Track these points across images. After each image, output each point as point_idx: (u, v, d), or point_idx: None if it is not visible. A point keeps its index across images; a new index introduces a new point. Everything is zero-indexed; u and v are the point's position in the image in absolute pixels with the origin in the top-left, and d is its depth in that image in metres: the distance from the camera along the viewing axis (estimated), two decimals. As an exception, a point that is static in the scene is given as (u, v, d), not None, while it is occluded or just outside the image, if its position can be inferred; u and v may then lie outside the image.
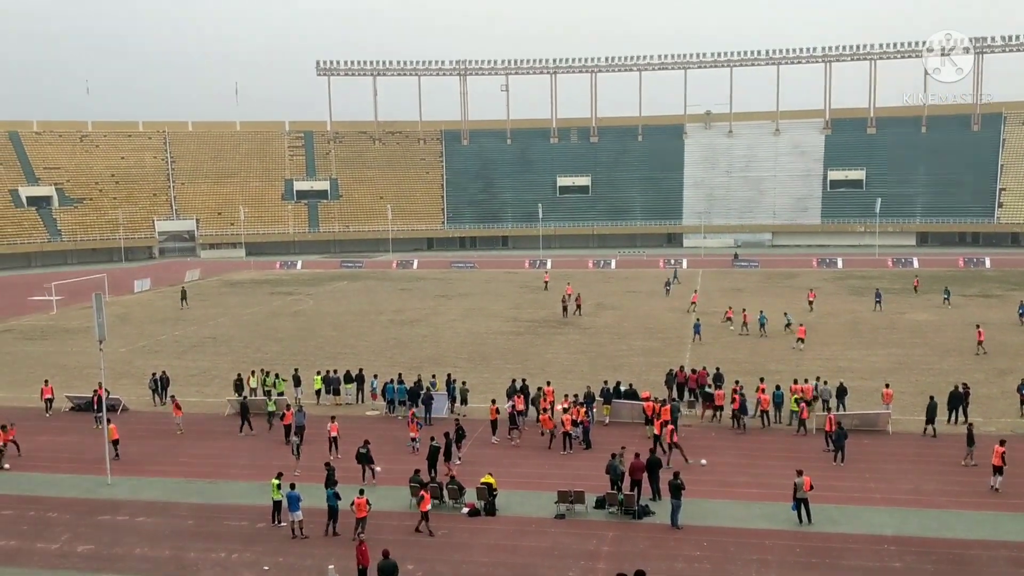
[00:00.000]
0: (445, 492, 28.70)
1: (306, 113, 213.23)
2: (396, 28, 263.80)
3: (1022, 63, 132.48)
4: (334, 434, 33.68)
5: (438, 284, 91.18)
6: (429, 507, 26.50)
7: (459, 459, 32.41)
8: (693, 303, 69.10)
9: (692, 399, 39.58)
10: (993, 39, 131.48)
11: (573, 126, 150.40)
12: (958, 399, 36.49)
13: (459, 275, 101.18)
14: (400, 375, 41.59)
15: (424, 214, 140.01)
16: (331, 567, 21.99)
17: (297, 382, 42.15)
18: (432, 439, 31.51)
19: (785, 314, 59.48)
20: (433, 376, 41.73)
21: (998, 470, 28.51)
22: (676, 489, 26.57)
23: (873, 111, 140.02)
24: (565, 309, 66.38)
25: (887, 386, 38.15)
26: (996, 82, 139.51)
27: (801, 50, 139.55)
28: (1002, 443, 28.90)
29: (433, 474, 30.21)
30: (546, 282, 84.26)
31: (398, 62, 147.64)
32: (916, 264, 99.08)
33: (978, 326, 52.34)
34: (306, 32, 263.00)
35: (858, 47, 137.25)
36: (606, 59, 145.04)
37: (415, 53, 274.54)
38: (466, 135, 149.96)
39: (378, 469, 30.87)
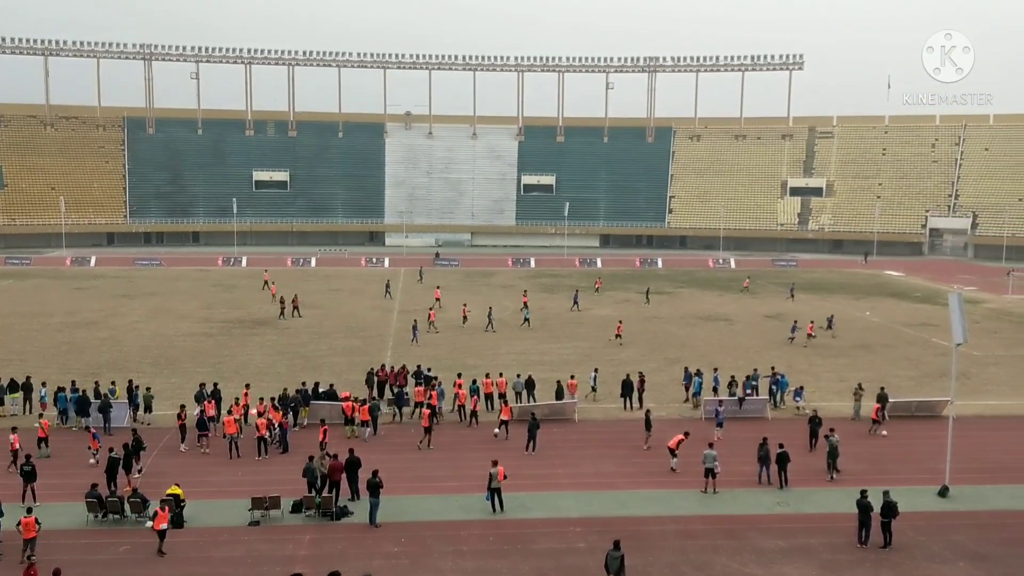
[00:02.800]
0: (127, 506, 26.65)
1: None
2: (72, 4, 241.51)
3: (689, 82, 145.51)
4: (16, 447, 30.25)
5: (120, 283, 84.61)
6: (164, 525, 24.37)
7: (139, 471, 30.16)
8: (437, 299, 69.83)
9: (392, 397, 39.69)
10: (664, 59, 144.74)
11: (270, 119, 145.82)
12: (630, 387, 39.63)
13: (144, 273, 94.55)
14: (74, 382, 38.06)
15: (104, 207, 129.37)
16: None
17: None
18: (111, 450, 29.14)
19: (523, 310, 62.41)
20: (113, 383, 38.54)
21: (673, 452, 31.26)
22: (374, 487, 26.51)
23: (561, 120, 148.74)
24: (283, 311, 63.95)
25: (572, 377, 40.58)
26: (667, 98, 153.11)
27: (496, 58, 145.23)
28: (686, 434, 31.78)
29: (113, 488, 27.99)
30: (266, 281, 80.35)
31: (74, 42, 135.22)
32: (600, 264, 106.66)
33: (619, 321, 57.71)
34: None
35: (548, 59, 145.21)
36: (304, 52, 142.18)
37: (94, 33, 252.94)
38: (152, 123, 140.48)
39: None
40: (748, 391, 39.82)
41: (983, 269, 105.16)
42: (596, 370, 42.66)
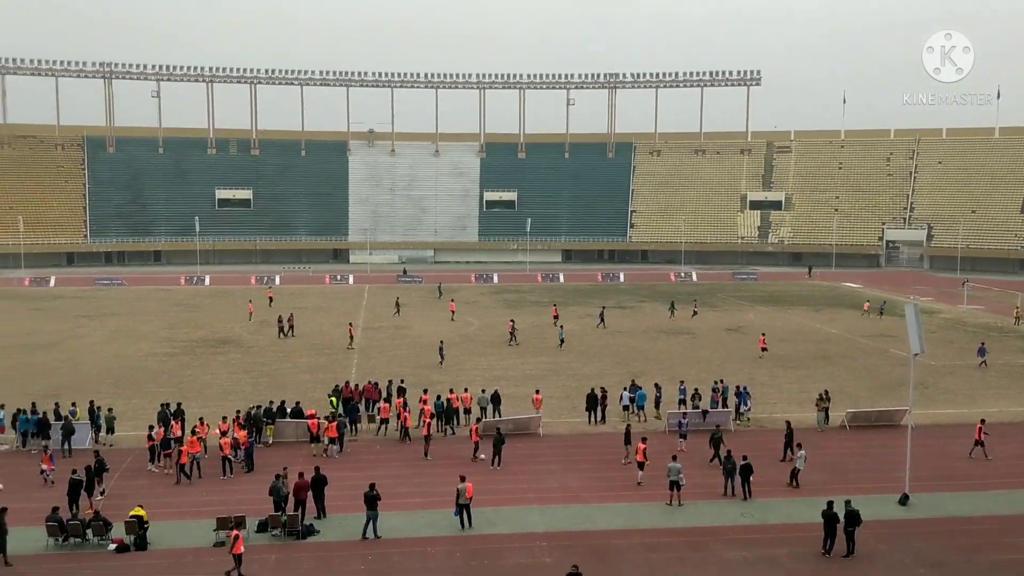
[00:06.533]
0: (89, 529, 26.34)
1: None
2: (30, 22, 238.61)
3: (649, 97, 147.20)
4: None
5: (80, 303, 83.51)
6: (243, 549, 23.98)
7: (101, 493, 29.80)
8: (452, 311, 72.29)
9: (366, 414, 39.55)
10: (624, 75, 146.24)
11: (233, 137, 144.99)
12: (594, 401, 39.91)
13: (105, 293, 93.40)
14: (34, 404, 37.52)
15: (63, 227, 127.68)
16: None
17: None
18: (74, 472, 28.81)
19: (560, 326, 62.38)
20: (73, 404, 38.06)
21: (641, 465, 31.53)
22: (371, 501, 26.69)
23: (523, 137, 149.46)
24: (281, 330, 63.37)
25: (537, 392, 40.76)
26: (627, 114, 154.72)
27: (458, 76, 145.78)
28: (644, 440, 32.05)
29: (75, 510, 27.65)
30: (270, 298, 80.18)
31: (31, 60, 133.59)
32: (562, 279, 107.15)
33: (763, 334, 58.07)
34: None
35: (509, 76, 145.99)
36: (267, 71, 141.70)
37: (53, 52, 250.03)
38: (112, 142, 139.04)
39: None
40: (714, 404, 40.26)
41: (938, 280, 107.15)
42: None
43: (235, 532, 24.21)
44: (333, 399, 39.44)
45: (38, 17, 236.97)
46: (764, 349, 56.10)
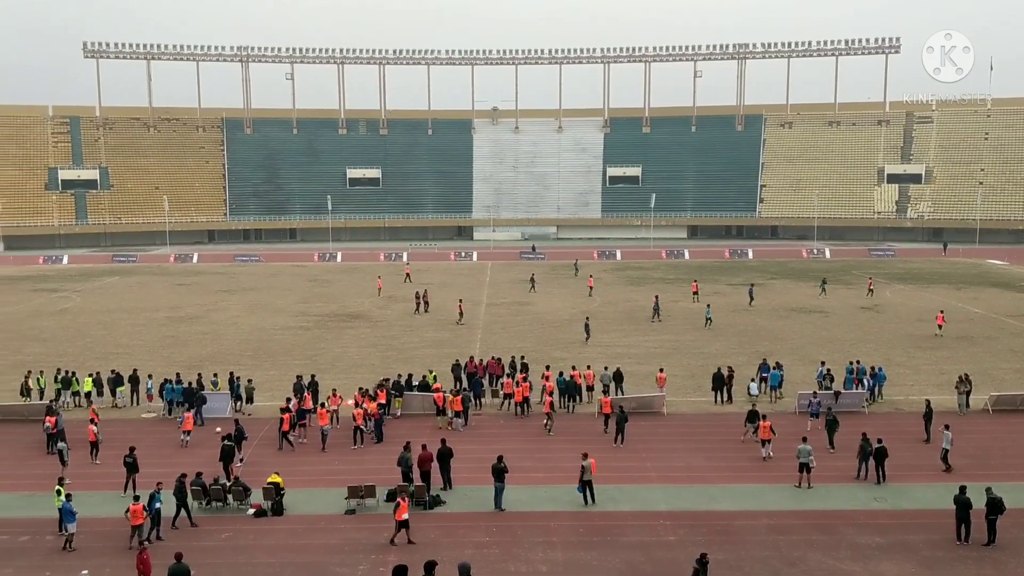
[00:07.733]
0: (229, 494, 27.72)
1: (72, 97, 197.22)
2: (171, 9, 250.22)
3: (780, 68, 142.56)
4: (93, 439, 31.85)
5: (220, 279, 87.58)
6: (406, 515, 25.03)
7: (241, 460, 31.27)
8: (590, 287, 73.67)
9: (489, 389, 40.09)
10: (754, 45, 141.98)
11: (362, 117, 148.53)
12: (720, 380, 39.21)
13: (243, 269, 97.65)
14: (178, 374, 39.64)
15: (204, 205, 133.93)
16: (84, 572, 20.75)
17: (67, 384, 39.40)
18: (224, 438, 30.34)
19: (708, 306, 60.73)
20: (215, 375, 40.02)
21: (766, 442, 31.39)
22: (499, 472, 27.20)
23: (648, 111, 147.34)
24: (418, 305, 65.25)
25: (661, 370, 40.38)
26: (757, 85, 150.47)
27: (582, 50, 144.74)
28: (764, 418, 32.01)
29: (225, 475, 29.12)
30: (407, 274, 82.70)
31: (174, 46, 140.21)
32: (687, 256, 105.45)
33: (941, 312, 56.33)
34: (70, 8, 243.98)
35: (634, 49, 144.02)
36: (394, 51, 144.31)
37: (194, 37, 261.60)
38: (249, 124, 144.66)
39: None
40: (850, 385, 38.97)
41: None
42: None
43: (398, 499, 25.19)
44: (432, 375, 39.81)
45: (178, 3, 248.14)
46: (941, 326, 54.02)
